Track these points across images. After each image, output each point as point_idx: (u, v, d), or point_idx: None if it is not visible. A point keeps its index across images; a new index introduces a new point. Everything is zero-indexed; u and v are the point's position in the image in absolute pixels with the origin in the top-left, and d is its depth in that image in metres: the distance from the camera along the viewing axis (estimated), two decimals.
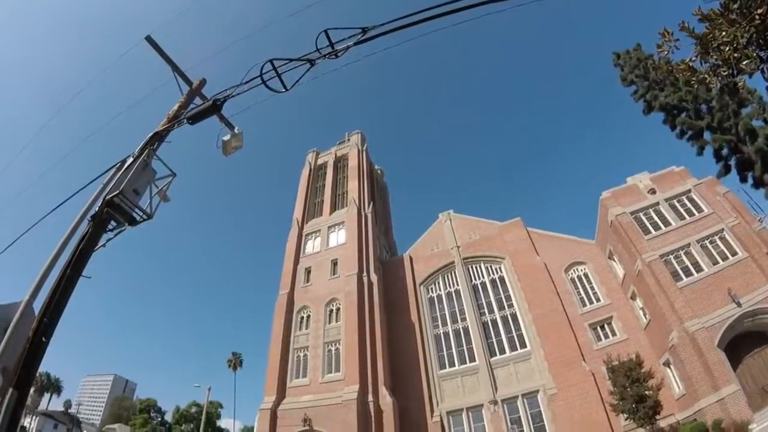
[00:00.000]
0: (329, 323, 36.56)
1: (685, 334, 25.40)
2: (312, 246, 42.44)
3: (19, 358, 6.41)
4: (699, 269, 27.53)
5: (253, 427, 46.37)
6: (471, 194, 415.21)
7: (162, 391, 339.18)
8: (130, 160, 8.34)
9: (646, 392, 24.56)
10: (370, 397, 30.96)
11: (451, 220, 42.63)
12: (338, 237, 41.40)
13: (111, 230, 7.81)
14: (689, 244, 28.57)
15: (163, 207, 8.94)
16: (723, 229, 28.31)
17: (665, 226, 30.12)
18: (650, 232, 30.14)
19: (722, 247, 27.90)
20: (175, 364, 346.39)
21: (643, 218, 31.03)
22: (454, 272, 39.37)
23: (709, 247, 28.20)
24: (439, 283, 39.87)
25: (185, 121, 9.01)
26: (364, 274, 37.42)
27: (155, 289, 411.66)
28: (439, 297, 39.11)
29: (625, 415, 25.54)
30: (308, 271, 40.59)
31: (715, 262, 27.41)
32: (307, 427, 30.96)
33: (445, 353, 35.84)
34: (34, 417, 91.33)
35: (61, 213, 9.00)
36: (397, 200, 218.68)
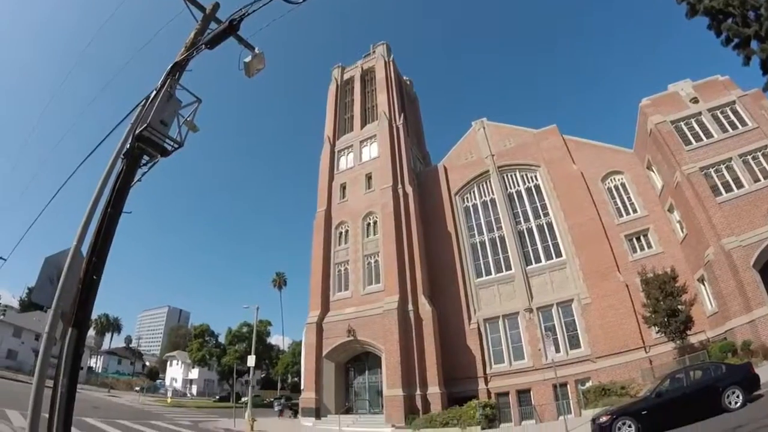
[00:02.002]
0: (367, 237, 37.32)
1: (721, 251, 24.89)
2: (345, 162, 42.42)
3: (74, 299, 6.79)
4: (740, 185, 26.47)
5: (301, 341, 48.91)
6: (504, 102, 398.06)
7: (214, 316, 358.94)
8: (154, 93, 8.35)
9: (679, 307, 24.66)
10: (410, 306, 32.09)
11: (484, 128, 41.47)
12: (371, 151, 41.14)
13: (145, 164, 8.01)
14: (731, 159, 27.26)
15: (195, 136, 9.03)
16: (767, 146, 26.90)
17: (707, 138, 28.65)
18: (691, 143, 28.74)
19: (765, 164, 26.66)
20: (223, 289, 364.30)
21: (684, 128, 29.47)
22: (489, 181, 38.94)
23: (752, 163, 26.90)
24: (474, 192, 39.67)
25: (203, 47, 8.85)
26: (399, 186, 37.50)
27: (196, 220, 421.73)
28: (475, 206, 39.07)
29: (657, 328, 25.88)
30: (343, 187, 40.94)
31: (757, 180, 26.30)
32: (351, 338, 32.64)
33: (481, 262, 36.36)
34: (99, 356, 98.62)
35: (97, 158, 9.22)
36: (428, 111, 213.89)
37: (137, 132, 7.74)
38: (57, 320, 8.46)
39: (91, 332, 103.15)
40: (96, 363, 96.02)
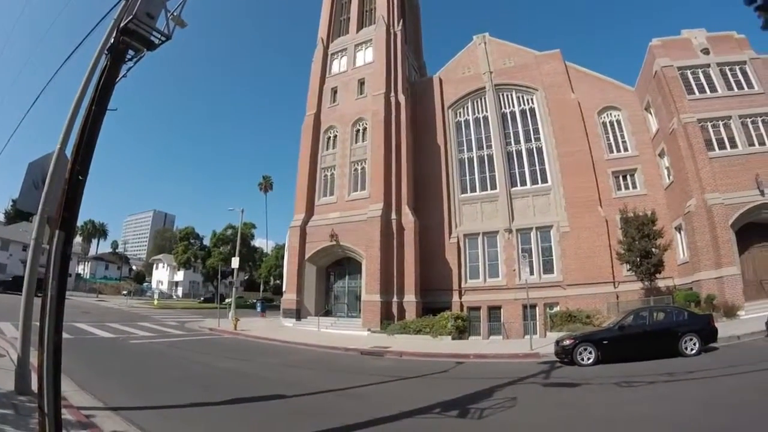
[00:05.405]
0: (356, 143, 36.90)
1: (703, 205, 25.53)
2: (338, 66, 40.83)
3: (60, 201, 6.66)
4: (734, 145, 26.60)
5: (284, 245, 49.49)
6: (508, 18, 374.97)
7: (199, 220, 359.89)
8: None
9: (653, 249, 25.51)
10: (393, 215, 32.52)
11: (486, 43, 39.74)
12: (365, 56, 39.47)
13: (130, 59, 7.65)
14: (730, 117, 27.10)
15: (183, 32, 8.58)
16: None
17: (711, 92, 28.25)
18: (694, 93, 28.34)
19: (762, 130, 26.66)
20: (209, 194, 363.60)
21: (690, 77, 28.89)
22: (484, 98, 38.08)
23: (750, 126, 26.85)
24: (467, 107, 38.91)
25: None
26: (392, 94, 36.49)
27: (180, 120, 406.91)
28: (467, 122, 38.51)
29: (628, 266, 26.84)
30: (334, 91, 39.76)
31: (752, 144, 26.44)
32: (334, 242, 33.27)
33: (467, 178, 36.53)
34: (86, 263, 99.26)
35: (80, 56, 8.80)
36: (429, 20, 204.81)
37: (122, 25, 7.32)
38: (44, 225, 8.42)
39: (78, 239, 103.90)
40: (83, 269, 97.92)
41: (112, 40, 7.47)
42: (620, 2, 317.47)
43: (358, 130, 37.08)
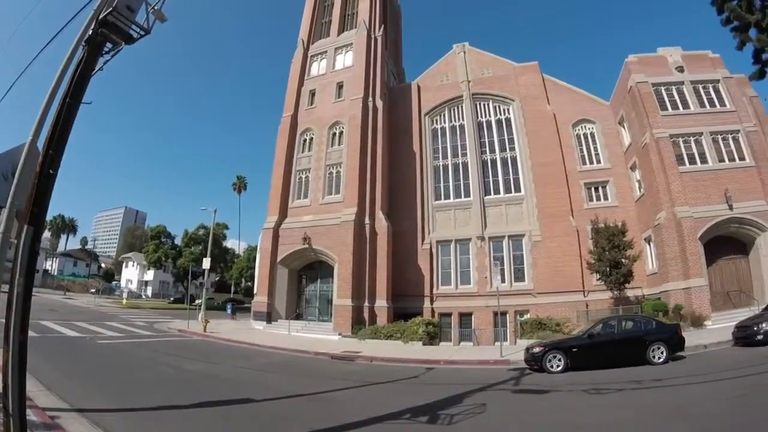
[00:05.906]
0: (332, 146, 36.75)
1: (673, 218, 26.47)
2: (317, 68, 40.65)
3: (29, 195, 6.51)
4: (704, 160, 27.75)
5: (256, 247, 49.02)
6: (489, 29, 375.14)
7: (171, 218, 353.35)
8: None
9: (622, 260, 26.22)
10: (367, 220, 32.48)
11: (465, 52, 40.19)
12: (345, 60, 39.42)
13: (107, 52, 7.50)
14: (701, 134, 28.24)
15: (162, 25, 8.46)
16: (739, 131, 27.94)
17: (683, 108, 29.40)
18: (667, 109, 29.45)
19: (732, 147, 27.87)
20: (182, 191, 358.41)
21: (664, 93, 29.97)
22: (461, 107, 38.42)
23: (720, 143, 28.01)
24: (444, 115, 39.16)
25: None
26: (370, 98, 36.54)
27: (154, 117, 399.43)
28: (443, 129, 38.76)
29: (598, 276, 27.50)
30: (312, 94, 39.52)
31: (721, 160, 27.61)
32: (306, 245, 33.01)
33: (442, 185, 36.70)
34: (54, 259, 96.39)
35: (56, 46, 8.62)
36: (410, 27, 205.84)
37: (101, 17, 7.18)
38: (12, 219, 8.14)
39: (47, 234, 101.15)
40: (51, 265, 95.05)
41: (90, 32, 7.33)
42: (598, 18, 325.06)
43: (334, 134, 36.97)
